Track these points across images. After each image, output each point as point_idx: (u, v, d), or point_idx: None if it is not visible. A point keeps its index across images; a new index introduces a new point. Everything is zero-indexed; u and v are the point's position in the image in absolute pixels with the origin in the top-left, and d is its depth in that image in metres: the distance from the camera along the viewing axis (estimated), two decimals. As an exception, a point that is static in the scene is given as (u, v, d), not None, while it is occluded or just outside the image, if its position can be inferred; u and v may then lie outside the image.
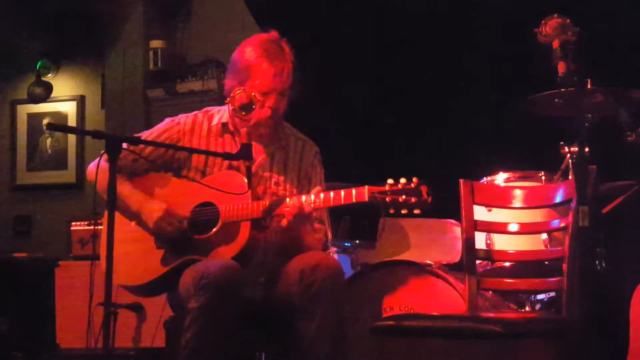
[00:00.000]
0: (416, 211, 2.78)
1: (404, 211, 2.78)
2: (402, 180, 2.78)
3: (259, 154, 3.15)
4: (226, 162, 3.14)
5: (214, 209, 3.04)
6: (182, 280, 2.99)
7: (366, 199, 2.81)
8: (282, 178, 3.19)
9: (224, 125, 3.21)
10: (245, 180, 2.99)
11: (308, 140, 3.31)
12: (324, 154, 3.34)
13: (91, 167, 3.21)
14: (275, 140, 3.22)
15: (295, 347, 2.91)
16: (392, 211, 2.80)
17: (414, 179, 2.78)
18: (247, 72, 3.10)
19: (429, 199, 2.77)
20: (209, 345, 2.81)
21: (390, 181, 2.79)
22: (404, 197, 2.77)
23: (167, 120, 3.27)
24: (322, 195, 2.92)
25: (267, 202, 2.97)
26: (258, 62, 3.08)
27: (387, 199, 2.78)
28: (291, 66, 3.12)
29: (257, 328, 3.06)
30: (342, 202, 2.88)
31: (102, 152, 2.60)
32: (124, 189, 3.10)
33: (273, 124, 3.15)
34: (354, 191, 2.84)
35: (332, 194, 2.90)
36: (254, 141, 3.10)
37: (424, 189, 2.77)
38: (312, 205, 2.91)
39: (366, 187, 2.82)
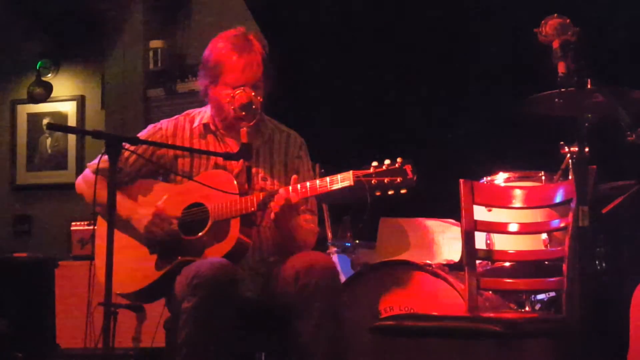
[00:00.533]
0: (403, 191, 2.74)
1: (390, 192, 2.75)
2: (387, 162, 2.76)
3: None
4: (211, 163, 3.14)
5: (203, 209, 3.03)
6: (176, 282, 2.97)
7: (352, 182, 2.79)
8: (268, 173, 3.18)
9: (206, 125, 3.20)
10: (233, 178, 3.00)
11: (292, 132, 3.29)
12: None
13: (79, 180, 3.22)
14: (258, 136, 3.20)
15: (292, 347, 2.90)
16: (378, 193, 2.76)
17: (398, 159, 2.76)
18: (217, 68, 3.10)
19: (414, 178, 2.74)
20: (203, 345, 2.79)
21: (374, 163, 2.77)
22: (389, 177, 2.74)
23: (150, 126, 3.27)
24: (308, 184, 2.91)
25: (261, 196, 2.95)
26: (227, 57, 3.08)
27: (372, 182, 2.75)
28: (260, 58, 3.10)
29: (257, 327, 3.06)
30: (329, 188, 2.85)
31: (88, 164, 2.58)
32: None
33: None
34: (339, 176, 2.83)
35: (317, 181, 2.88)
36: (234, 139, 3.10)
37: (408, 168, 2.74)
38: (298, 194, 2.90)
39: (351, 171, 2.81)
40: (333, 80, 4.98)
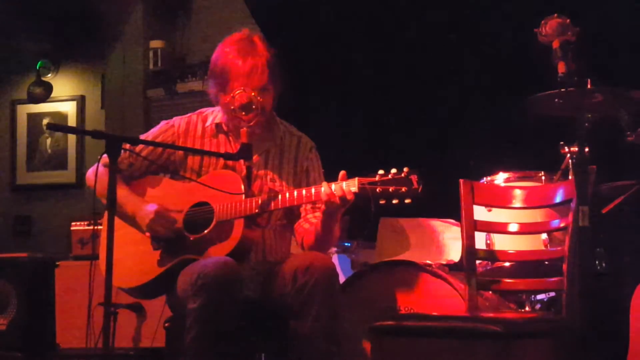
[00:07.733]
0: (407, 201, 2.75)
1: (395, 201, 2.76)
2: (393, 170, 2.77)
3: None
4: (221, 162, 3.14)
5: (208, 208, 3.04)
6: (179, 281, 2.99)
7: (357, 189, 2.80)
8: (277, 174, 3.19)
9: (218, 125, 3.22)
10: (240, 179, 3.00)
11: (303, 135, 3.31)
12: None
13: (89, 174, 3.23)
14: (269, 138, 3.21)
15: (291, 347, 2.90)
16: (382, 202, 2.77)
17: (405, 169, 2.76)
18: (224, 75, 3.10)
19: (420, 188, 2.74)
20: (212, 345, 2.80)
21: (380, 172, 2.78)
22: (394, 187, 2.75)
23: (162, 123, 3.29)
24: (313, 189, 2.91)
25: (263, 198, 2.97)
26: (232, 63, 3.08)
27: (377, 190, 2.76)
28: (265, 61, 3.08)
29: (257, 328, 3.06)
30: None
31: (99, 156, 2.59)
32: (121, 193, 3.10)
33: (262, 122, 3.14)
34: (344, 183, 2.84)
35: (322, 187, 2.90)
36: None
37: (414, 179, 2.74)
38: (303, 199, 2.91)
39: (356, 178, 2.82)
40: (333, 80, 4.98)
